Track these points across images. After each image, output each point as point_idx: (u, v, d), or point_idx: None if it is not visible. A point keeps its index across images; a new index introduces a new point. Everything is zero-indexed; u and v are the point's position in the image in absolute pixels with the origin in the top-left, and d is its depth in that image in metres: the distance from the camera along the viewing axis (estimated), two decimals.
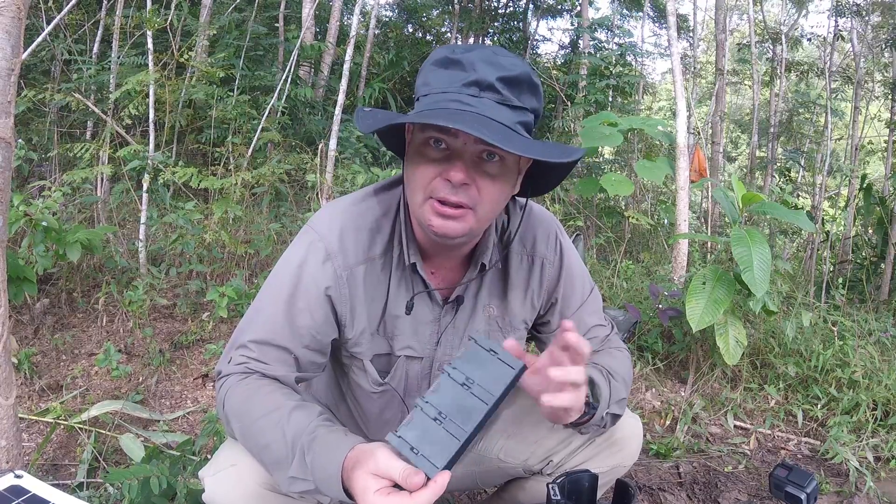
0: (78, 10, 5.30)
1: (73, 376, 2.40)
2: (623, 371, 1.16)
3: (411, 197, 0.99)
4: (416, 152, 0.96)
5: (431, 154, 0.94)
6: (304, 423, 0.91)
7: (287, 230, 3.76)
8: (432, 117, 0.87)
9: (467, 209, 0.95)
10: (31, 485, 1.02)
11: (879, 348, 2.78)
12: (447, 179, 0.93)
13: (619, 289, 3.63)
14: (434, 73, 0.95)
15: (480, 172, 0.94)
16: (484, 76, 0.91)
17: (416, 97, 0.97)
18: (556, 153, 0.93)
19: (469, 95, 0.91)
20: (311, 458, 0.87)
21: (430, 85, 0.94)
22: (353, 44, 4.46)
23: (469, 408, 0.79)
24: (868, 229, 5.92)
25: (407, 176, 1.00)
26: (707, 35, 13.85)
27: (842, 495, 1.97)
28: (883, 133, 8.27)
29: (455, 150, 0.93)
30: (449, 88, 0.92)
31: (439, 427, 0.79)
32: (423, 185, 0.95)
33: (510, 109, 0.92)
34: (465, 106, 0.90)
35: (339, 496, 0.84)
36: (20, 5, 1.33)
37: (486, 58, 0.92)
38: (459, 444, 0.77)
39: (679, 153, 3.49)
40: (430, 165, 0.94)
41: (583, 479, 1.12)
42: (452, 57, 0.93)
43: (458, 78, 0.92)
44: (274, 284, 1.07)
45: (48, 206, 2.66)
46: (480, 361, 0.82)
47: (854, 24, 7.45)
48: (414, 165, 0.96)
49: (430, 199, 0.95)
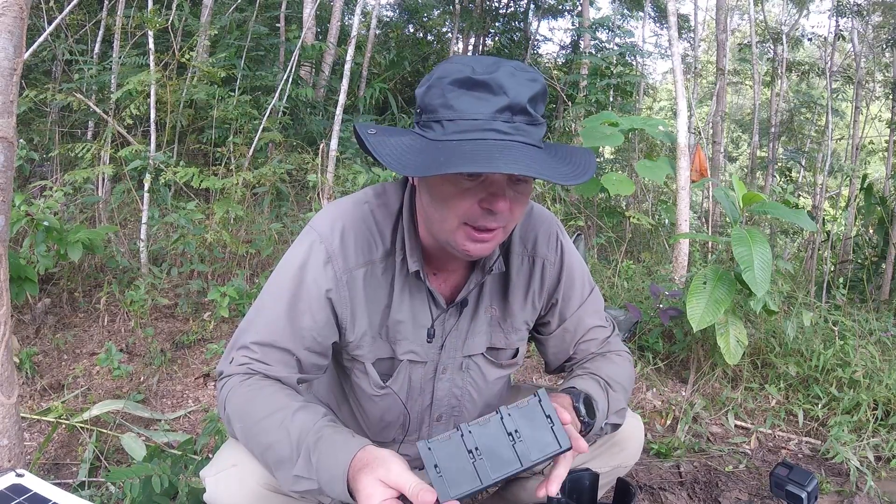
0: (79, 10, 5.31)
1: (74, 376, 2.41)
2: (623, 378, 1.16)
3: (441, 222, 0.97)
4: (446, 180, 0.93)
5: (465, 184, 0.92)
6: (309, 422, 0.91)
7: (288, 230, 3.76)
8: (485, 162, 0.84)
9: (500, 229, 0.96)
10: (32, 484, 1.02)
11: (880, 348, 2.78)
12: (488, 209, 0.92)
13: (620, 288, 3.63)
14: (458, 97, 0.89)
15: (513, 195, 0.94)
16: (517, 100, 0.88)
17: (436, 119, 0.91)
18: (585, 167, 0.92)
19: (503, 122, 0.88)
20: (316, 458, 0.87)
21: (457, 110, 0.89)
22: (353, 44, 4.46)
23: (505, 459, 0.81)
24: (869, 229, 5.92)
25: (431, 199, 0.97)
26: (708, 35, 13.84)
27: (842, 495, 1.97)
28: (884, 133, 8.27)
29: (493, 180, 0.92)
30: (480, 115, 0.88)
31: (470, 460, 0.80)
32: (458, 213, 0.94)
33: (535, 127, 0.92)
34: (502, 136, 0.88)
35: (343, 497, 0.84)
36: (22, 5, 1.33)
37: (513, 77, 0.89)
38: (480, 485, 0.79)
39: (680, 153, 3.49)
40: (465, 194, 0.93)
41: (584, 478, 1.13)
42: (477, 78, 0.88)
43: (490, 104, 0.88)
44: (276, 285, 1.07)
45: (49, 205, 2.67)
46: (535, 421, 0.84)
47: (855, 24, 7.45)
48: (445, 194, 0.94)
49: (465, 225, 0.95)
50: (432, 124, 0.92)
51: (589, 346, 1.23)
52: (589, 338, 1.23)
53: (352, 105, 7.34)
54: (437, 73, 0.93)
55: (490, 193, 0.92)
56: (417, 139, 0.93)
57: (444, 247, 1.01)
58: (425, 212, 1.02)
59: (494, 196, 0.91)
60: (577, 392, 1.04)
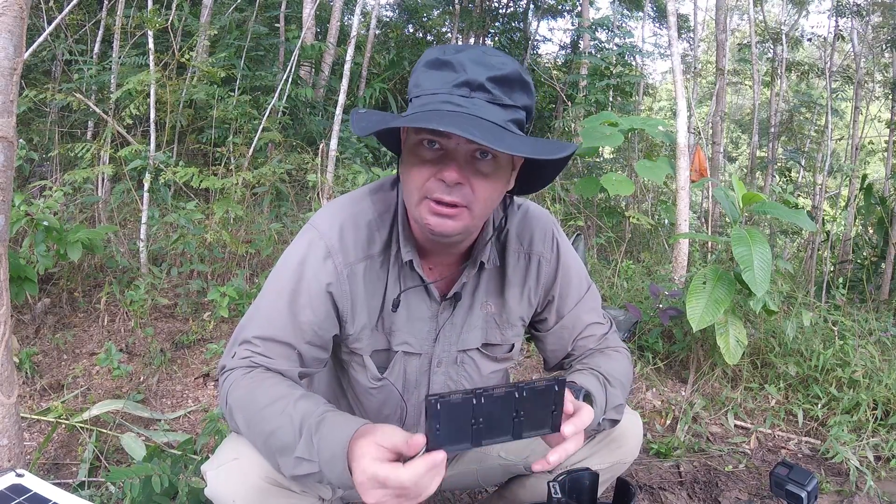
0: (79, 10, 5.31)
1: (74, 376, 2.41)
2: (621, 374, 1.16)
3: (408, 197, 1.00)
4: (411, 153, 0.97)
5: (425, 155, 0.95)
6: (311, 407, 0.92)
7: (288, 230, 3.76)
8: (424, 120, 0.88)
9: (462, 208, 0.96)
10: (32, 484, 1.02)
11: (880, 348, 2.78)
12: (441, 179, 0.94)
13: (620, 288, 3.64)
14: (425, 75, 0.95)
15: (474, 171, 0.95)
16: (474, 76, 0.91)
17: (410, 98, 0.98)
18: (547, 150, 0.93)
19: (460, 96, 0.92)
20: (318, 439, 0.88)
21: (422, 86, 0.95)
22: (353, 44, 4.46)
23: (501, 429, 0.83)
24: (868, 229, 5.92)
25: (403, 176, 1.01)
26: (707, 35, 13.85)
27: (842, 494, 1.97)
28: (883, 133, 8.28)
29: (448, 150, 0.94)
30: (440, 90, 0.93)
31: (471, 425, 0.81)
32: (418, 186, 0.96)
33: (502, 108, 0.93)
34: (456, 107, 0.91)
35: (342, 477, 0.84)
36: (22, 5, 1.33)
37: (477, 58, 0.93)
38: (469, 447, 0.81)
39: (679, 153, 3.49)
40: (424, 166, 0.95)
41: (583, 478, 1.13)
42: (443, 58, 0.94)
43: (448, 79, 0.93)
44: (276, 281, 1.08)
45: (49, 205, 2.67)
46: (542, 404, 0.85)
47: (854, 25, 7.45)
48: (409, 166, 0.97)
49: (425, 199, 0.96)
50: (409, 104, 0.98)
51: (587, 342, 1.24)
52: (587, 334, 1.23)
53: (351, 105, 7.34)
54: (419, 60, 0.99)
55: (444, 164, 0.94)
56: (391, 115, 0.99)
57: (421, 230, 1.03)
58: (403, 194, 1.04)
59: (446, 165, 0.93)
60: (577, 388, 1.05)
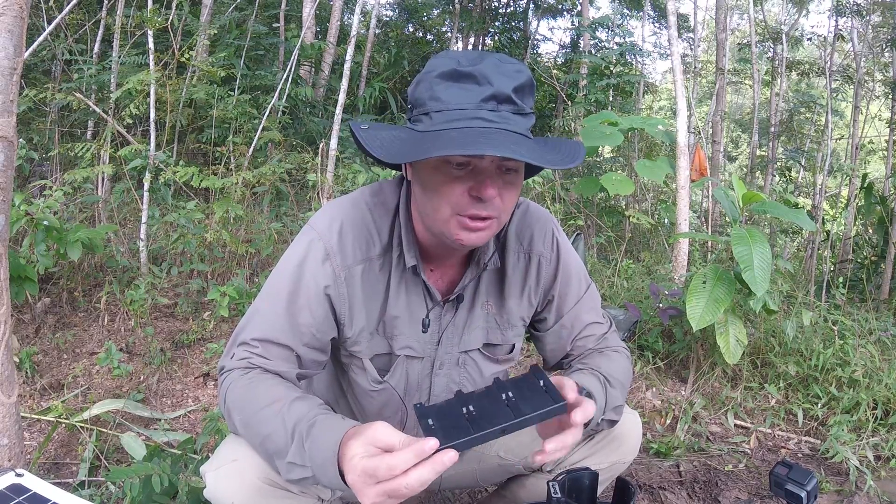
0: (79, 9, 5.31)
1: (74, 375, 2.41)
2: (620, 374, 1.16)
3: (433, 213, 0.98)
4: (435, 170, 0.95)
5: (454, 172, 0.94)
6: (304, 411, 0.91)
7: (288, 230, 3.76)
8: (473, 146, 0.85)
9: (493, 219, 0.97)
10: (32, 483, 1.02)
11: (880, 347, 2.78)
12: (477, 197, 0.93)
13: (620, 288, 3.63)
14: (445, 89, 0.92)
15: (503, 184, 0.95)
16: (501, 89, 0.90)
17: (425, 111, 0.94)
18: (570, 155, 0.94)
19: (489, 111, 0.90)
20: (309, 444, 0.87)
21: (443, 101, 0.92)
22: (353, 43, 4.46)
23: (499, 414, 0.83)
24: (868, 229, 5.92)
25: (422, 191, 0.99)
26: (707, 35, 13.85)
27: (842, 494, 1.97)
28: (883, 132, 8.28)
29: (479, 167, 0.93)
30: (467, 104, 0.91)
31: (465, 417, 0.82)
32: (449, 202, 0.95)
33: (523, 117, 0.93)
34: (488, 123, 0.90)
35: (335, 481, 0.83)
36: (22, 5, 1.33)
37: (498, 68, 0.91)
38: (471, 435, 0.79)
39: (679, 152, 3.49)
40: (455, 183, 0.94)
41: (583, 477, 1.13)
42: (462, 70, 0.91)
43: (475, 92, 0.90)
44: (275, 283, 1.08)
45: (49, 205, 2.67)
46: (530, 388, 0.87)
47: (854, 24, 7.45)
48: (435, 184, 0.95)
49: (457, 216, 0.96)
50: (421, 117, 0.94)
51: (586, 342, 1.24)
52: (586, 334, 1.23)
53: (351, 104, 7.35)
54: (426, 69, 0.96)
55: (478, 181, 0.93)
56: (407, 132, 0.96)
57: (440, 239, 1.02)
58: (419, 205, 1.03)
59: (482, 183, 0.92)
60: (578, 388, 1.05)
